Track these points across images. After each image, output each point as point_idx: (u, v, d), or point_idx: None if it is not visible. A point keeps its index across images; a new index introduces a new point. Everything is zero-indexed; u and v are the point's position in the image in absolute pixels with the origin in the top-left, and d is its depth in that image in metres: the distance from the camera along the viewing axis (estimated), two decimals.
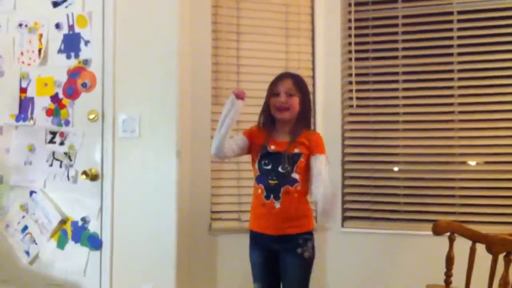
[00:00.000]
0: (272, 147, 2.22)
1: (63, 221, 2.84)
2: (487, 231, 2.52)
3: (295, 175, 2.17)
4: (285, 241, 2.18)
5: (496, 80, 3.04)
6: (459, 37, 3.10)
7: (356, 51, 3.25)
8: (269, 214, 2.18)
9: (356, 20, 3.25)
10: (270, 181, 2.18)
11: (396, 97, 3.19)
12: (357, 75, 3.23)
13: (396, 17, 3.21)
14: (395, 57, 3.20)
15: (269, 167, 2.20)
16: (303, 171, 2.19)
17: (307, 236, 2.21)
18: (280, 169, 2.17)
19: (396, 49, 3.19)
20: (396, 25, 3.20)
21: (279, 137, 2.25)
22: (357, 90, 3.22)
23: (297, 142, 2.20)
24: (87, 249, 2.82)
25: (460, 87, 3.09)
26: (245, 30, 3.18)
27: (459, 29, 3.10)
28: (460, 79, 3.09)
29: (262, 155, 2.23)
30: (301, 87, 2.27)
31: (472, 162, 3.09)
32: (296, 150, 2.19)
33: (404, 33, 3.19)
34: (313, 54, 3.26)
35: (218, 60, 3.14)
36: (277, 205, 2.16)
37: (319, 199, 2.07)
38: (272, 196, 2.17)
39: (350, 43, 3.25)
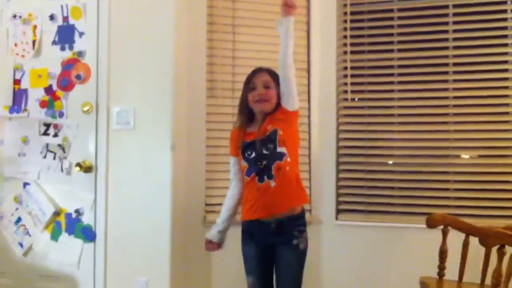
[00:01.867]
0: (248, 137, 2.26)
1: (57, 213, 2.85)
2: (480, 224, 2.54)
3: (281, 149, 2.18)
4: (280, 232, 2.19)
5: (491, 74, 3.04)
6: (455, 31, 3.10)
7: (352, 44, 3.24)
8: (265, 194, 2.18)
9: (352, 13, 3.24)
10: (260, 166, 2.19)
11: (391, 91, 3.18)
12: (352, 68, 3.22)
13: (391, 10, 3.20)
14: (391, 50, 3.19)
15: (253, 155, 2.22)
16: (288, 142, 2.20)
17: (301, 227, 2.22)
18: (264, 151, 2.19)
19: (392, 43, 3.19)
20: (391, 18, 3.20)
21: (254, 127, 2.28)
22: (352, 83, 3.22)
23: (266, 123, 2.23)
24: (80, 241, 2.82)
25: (455, 81, 3.09)
26: (241, 22, 3.17)
27: (455, 23, 3.10)
28: (455, 72, 3.09)
29: (243, 149, 2.26)
30: (277, 80, 2.28)
31: (466, 156, 3.09)
32: (269, 128, 2.20)
33: (399, 26, 3.19)
34: (308, 47, 3.25)
35: (214, 52, 3.12)
36: (272, 183, 2.16)
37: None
38: (265, 177, 2.17)
39: (345, 36, 3.24)
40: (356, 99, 3.24)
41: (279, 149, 2.18)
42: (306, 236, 2.24)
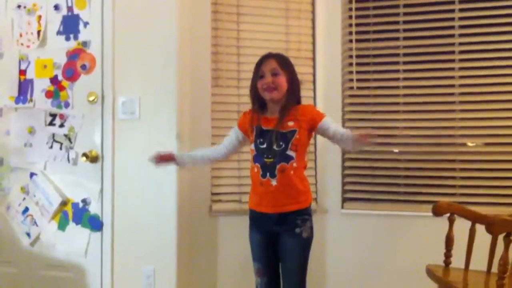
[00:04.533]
0: (265, 125, 2.24)
1: (64, 203, 2.86)
2: (487, 212, 2.53)
3: (290, 152, 2.17)
4: (283, 221, 2.19)
5: (498, 62, 3.02)
6: (461, 18, 3.07)
7: (357, 32, 3.22)
8: (266, 192, 2.19)
9: (357, 1, 3.22)
10: (265, 160, 2.19)
11: (397, 79, 3.17)
12: (357, 56, 3.21)
13: None
14: (396, 38, 3.17)
15: (264, 145, 2.21)
16: (299, 148, 2.19)
17: (305, 216, 2.22)
18: (275, 147, 2.18)
19: (397, 30, 3.17)
20: (397, 6, 3.17)
21: (271, 115, 2.27)
22: (358, 72, 3.21)
23: (288, 118, 2.21)
24: (88, 230, 2.83)
25: (461, 68, 3.07)
26: (245, 11, 3.16)
27: (461, 10, 3.07)
28: (461, 60, 3.07)
29: (257, 134, 2.25)
30: (286, 65, 2.28)
31: (472, 143, 3.08)
32: (290, 125, 2.19)
33: (405, 14, 3.16)
34: (313, 35, 3.23)
35: (218, 41, 3.12)
36: (274, 182, 2.16)
37: (348, 135, 2.16)
38: (268, 174, 2.18)
39: (350, 24, 3.22)
40: (355, 87, 3.22)
41: (288, 152, 2.17)
42: (310, 225, 2.24)
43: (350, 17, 3.22)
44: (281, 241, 2.23)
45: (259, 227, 2.29)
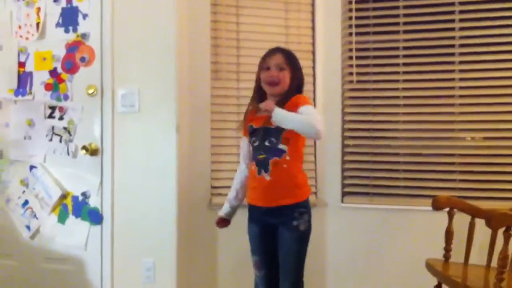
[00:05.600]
0: (254, 123, 2.27)
1: (64, 196, 2.85)
2: (486, 207, 2.53)
3: (282, 146, 2.18)
4: (280, 214, 2.20)
5: (498, 56, 3.01)
6: (461, 12, 3.06)
7: (357, 26, 3.21)
8: (261, 186, 2.21)
9: None
10: (259, 156, 2.22)
11: (397, 73, 3.16)
12: (357, 50, 3.20)
13: None
14: (396, 32, 3.16)
15: (257, 143, 2.24)
16: (291, 141, 2.19)
17: (302, 209, 2.22)
18: (266, 143, 2.20)
19: (397, 23, 3.15)
20: None
21: (263, 113, 2.22)
22: (357, 66, 3.20)
23: None
24: (87, 223, 2.83)
25: (461, 62, 3.06)
26: (245, 4, 3.15)
27: (461, 3, 3.06)
28: (461, 54, 3.06)
29: (250, 133, 2.29)
30: (292, 62, 2.28)
31: (472, 138, 3.08)
32: None
33: (405, 7, 3.15)
34: (313, 28, 3.22)
35: (218, 34, 3.11)
36: (267, 177, 2.18)
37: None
38: (262, 170, 2.20)
39: (350, 18, 3.21)
40: (355, 81, 3.21)
41: (280, 146, 2.18)
42: (307, 218, 2.24)
43: (350, 10, 3.20)
44: (279, 234, 2.24)
45: (255, 218, 2.31)
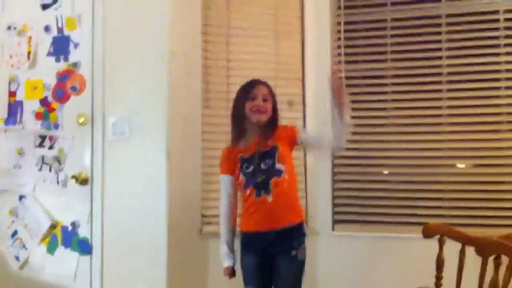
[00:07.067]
0: (246, 153, 2.30)
1: (53, 226, 2.84)
2: (476, 234, 2.54)
3: (279, 166, 2.23)
4: (279, 242, 2.21)
5: (485, 83, 3.05)
6: (448, 40, 3.11)
7: (346, 54, 3.25)
8: (263, 208, 2.22)
9: (346, 23, 3.26)
10: (257, 179, 2.23)
11: (386, 100, 3.19)
12: (346, 77, 3.23)
13: (385, 20, 3.22)
14: (384, 61, 3.21)
15: (251, 168, 2.26)
16: (287, 160, 2.26)
17: (302, 238, 2.25)
18: (262, 166, 2.24)
19: (385, 52, 3.20)
20: (384, 28, 3.21)
21: (248, 142, 2.33)
22: (347, 94, 3.22)
23: (270, 139, 2.29)
24: (77, 254, 2.81)
25: (449, 90, 3.10)
26: (235, 32, 3.18)
27: (448, 32, 3.12)
28: (448, 82, 3.10)
29: (241, 162, 2.30)
30: (273, 95, 2.39)
31: (461, 165, 3.10)
32: (270, 143, 2.27)
33: (393, 36, 3.20)
34: (302, 56, 3.25)
35: (209, 63, 3.13)
36: (270, 198, 2.20)
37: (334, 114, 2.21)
38: (262, 191, 2.22)
39: (339, 46, 3.25)
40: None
41: (277, 166, 2.23)
42: (304, 246, 2.26)
43: (339, 39, 3.25)
44: (277, 264, 2.23)
45: (255, 248, 2.28)
